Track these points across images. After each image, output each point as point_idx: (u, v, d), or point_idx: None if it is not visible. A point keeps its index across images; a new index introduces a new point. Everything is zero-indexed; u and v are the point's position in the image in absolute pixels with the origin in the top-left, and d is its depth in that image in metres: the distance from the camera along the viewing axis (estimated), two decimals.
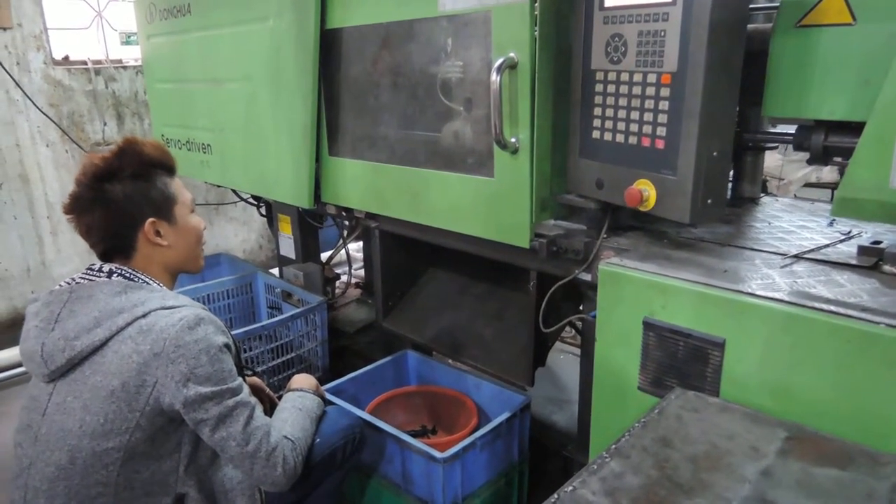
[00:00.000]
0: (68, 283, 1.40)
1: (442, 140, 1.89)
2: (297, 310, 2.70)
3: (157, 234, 1.46)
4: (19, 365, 3.23)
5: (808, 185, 4.49)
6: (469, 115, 1.80)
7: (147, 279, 1.43)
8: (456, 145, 1.85)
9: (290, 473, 1.42)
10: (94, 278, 1.39)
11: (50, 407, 1.32)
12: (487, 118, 1.70)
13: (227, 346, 1.39)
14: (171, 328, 1.30)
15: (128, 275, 1.41)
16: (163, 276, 1.49)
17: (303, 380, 1.76)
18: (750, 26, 1.47)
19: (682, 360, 1.38)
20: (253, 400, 1.42)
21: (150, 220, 1.44)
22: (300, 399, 1.64)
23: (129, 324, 1.31)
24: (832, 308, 1.18)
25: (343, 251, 3.14)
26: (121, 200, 1.41)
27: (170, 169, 1.52)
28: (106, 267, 1.42)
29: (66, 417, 1.29)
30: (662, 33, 1.33)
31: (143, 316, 1.32)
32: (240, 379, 1.41)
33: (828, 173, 4.31)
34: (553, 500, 0.99)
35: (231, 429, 1.34)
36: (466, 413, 2.24)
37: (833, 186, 4.40)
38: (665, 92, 1.35)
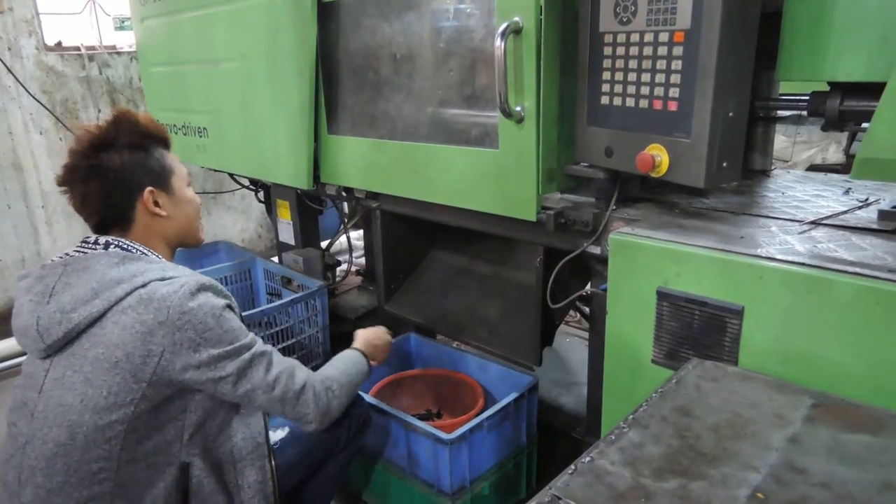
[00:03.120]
0: (61, 258, 1.35)
1: (444, 112, 1.84)
2: (297, 294, 2.65)
3: (156, 204, 1.43)
4: (17, 356, 3.18)
5: (813, 167, 4.44)
6: (472, 84, 1.74)
7: (145, 250, 1.39)
8: (459, 117, 1.80)
9: (322, 410, 1.45)
10: (88, 250, 1.35)
11: (47, 383, 1.27)
12: (491, 87, 1.65)
13: (228, 306, 1.37)
14: (174, 295, 1.27)
15: (125, 246, 1.37)
16: (162, 249, 1.45)
17: (369, 336, 1.83)
18: None
19: (699, 330, 1.33)
20: (269, 347, 1.41)
21: (149, 189, 1.41)
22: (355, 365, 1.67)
23: (127, 294, 1.27)
24: (857, 270, 1.13)
25: (343, 238, 3.08)
26: (118, 169, 1.38)
27: (164, 141, 1.50)
28: (102, 239, 1.37)
29: (66, 392, 1.25)
30: None
31: (143, 286, 1.28)
32: (251, 333, 1.39)
33: (833, 154, 4.26)
34: (570, 472, 0.94)
35: (254, 380, 1.35)
36: (472, 395, 2.19)
37: (838, 168, 4.35)
38: (678, 51, 1.29)
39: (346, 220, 2.93)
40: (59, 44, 3.95)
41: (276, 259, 3.25)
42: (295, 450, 1.63)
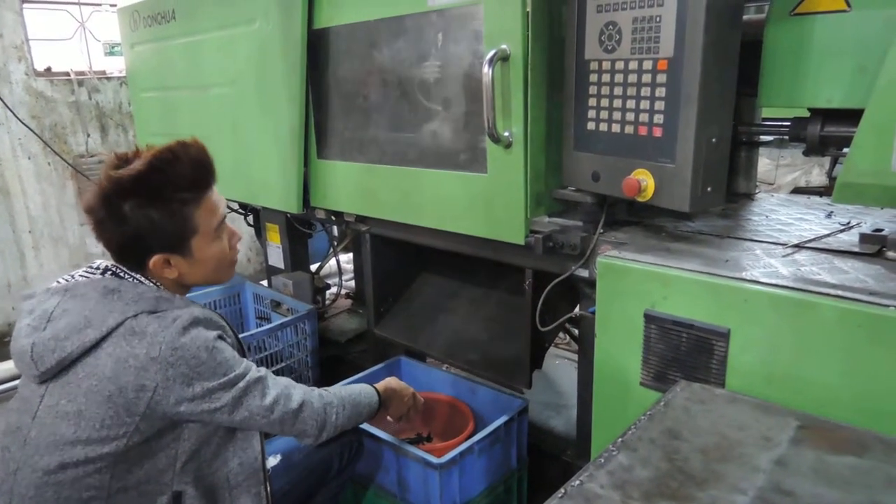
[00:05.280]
0: (66, 280, 1.34)
1: (433, 137, 1.86)
2: (286, 318, 2.64)
3: (167, 263, 1.36)
4: (8, 380, 3.14)
5: (797, 189, 4.50)
6: (461, 110, 1.76)
7: (139, 278, 1.36)
8: (447, 142, 1.82)
9: (320, 426, 1.48)
10: (88, 276, 1.34)
11: (41, 409, 1.26)
12: (479, 113, 1.67)
13: (220, 336, 1.34)
14: (166, 331, 1.25)
15: (121, 273, 1.35)
16: (173, 288, 1.40)
17: (393, 384, 1.82)
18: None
19: (686, 353, 1.34)
20: (263, 371, 1.40)
21: (157, 256, 1.33)
22: (362, 391, 1.68)
23: (119, 324, 1.25)
24: (839, 293, 1.15)
25: (333, 262, 3.09)
26: (133, 230, 1.30)
27: (206, 184, 1.39)
28: (102, 264, 1.37)
29: (60, 421, 1.23)
30: (658, 19, 1.30)
31: (134, 317, 1.26)
32: (245, 361, 1.37)
33: (816, 177, 4.33)
34: (560, 495, 0.94)
35: (251, 408, 1.34)
36: (462, 419, 2.18)
37: (822, 190, 4.42)
38: (661, 78, 1.33)
39: (335, 244, 2.94)
40: (48, 69, 3.96)
41: (265, 283, 3.24)
42: (287, 478, 1.61)
